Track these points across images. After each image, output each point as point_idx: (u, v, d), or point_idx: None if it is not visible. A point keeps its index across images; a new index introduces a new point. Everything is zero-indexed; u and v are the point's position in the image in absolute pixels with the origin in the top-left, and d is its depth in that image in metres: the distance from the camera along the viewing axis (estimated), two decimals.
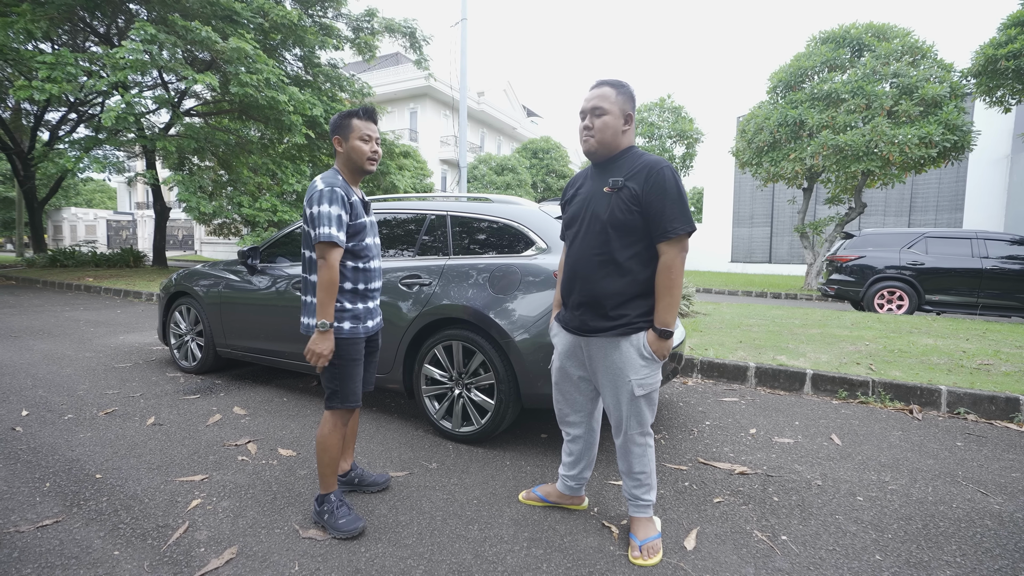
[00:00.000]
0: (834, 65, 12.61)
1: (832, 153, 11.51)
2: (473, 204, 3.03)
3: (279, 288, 3.41)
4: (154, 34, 8.88)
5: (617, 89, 1.74)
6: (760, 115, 12.99)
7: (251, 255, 3.50)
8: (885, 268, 8.35)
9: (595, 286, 1.72)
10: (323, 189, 1.81)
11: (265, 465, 2.45)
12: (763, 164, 13.25)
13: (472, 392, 2.73)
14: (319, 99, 11.77)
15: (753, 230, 24.37)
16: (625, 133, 1.75)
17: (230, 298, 3.68)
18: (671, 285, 1.66)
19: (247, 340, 3.60)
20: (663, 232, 1.64)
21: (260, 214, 11.23)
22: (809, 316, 7.11)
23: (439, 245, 2.98)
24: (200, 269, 4.09)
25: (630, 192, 1.67)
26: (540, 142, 27.03)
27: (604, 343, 1.75)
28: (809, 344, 4.95)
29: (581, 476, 2.07)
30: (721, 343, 4.90)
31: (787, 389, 3.89)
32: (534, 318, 2.54)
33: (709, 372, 4.19)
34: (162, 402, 3.34)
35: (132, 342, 5.25)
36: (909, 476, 2.46)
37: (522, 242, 2.77)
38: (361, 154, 1.91)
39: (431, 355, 2.81)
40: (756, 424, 3.15)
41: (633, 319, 1.71)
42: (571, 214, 1.84)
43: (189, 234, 27.70)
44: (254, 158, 11.97)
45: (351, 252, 1.91)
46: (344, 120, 1.91)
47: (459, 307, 2.69)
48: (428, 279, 2.85)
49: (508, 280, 2.65)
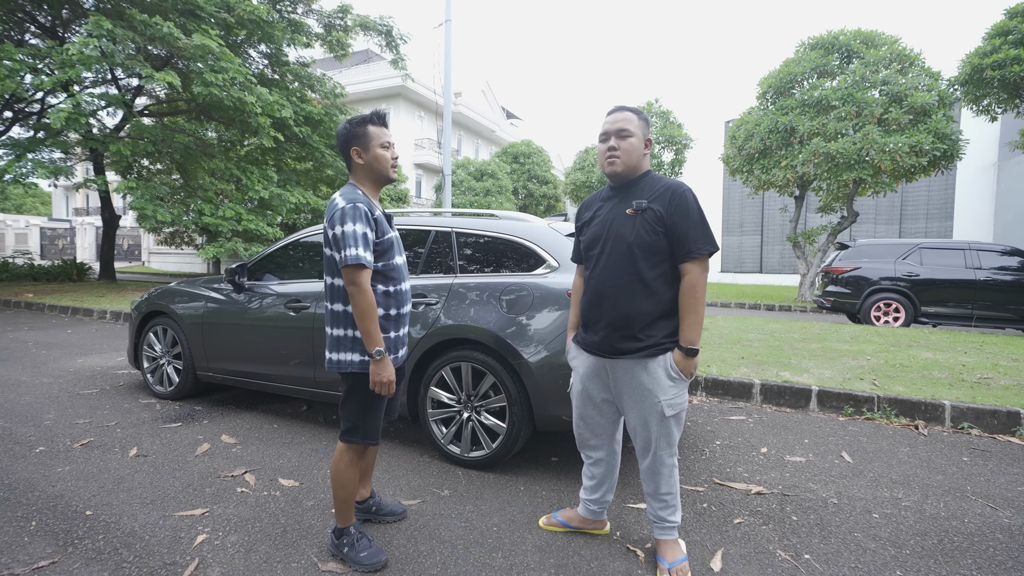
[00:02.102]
0: (824, 71, 13.27)
1: (824, 161, 12.07)
2: (479, 220, 3.13)
3: (269, 307, 3.44)
4: (110, 29, 8.79)
5: (638, 115, 1.90)
6: (750, 121, 13.54)
7: (239, 273, 3.53)
8: (881, 280, 8.79)
9: (624, 306, 1.83)
10: (344, 207, 1.77)
11: (268, 497, 2.50)
12: (754, 171, 13.79)
13: (482, 415, 2.80)
14: (287, 100, 11.77)
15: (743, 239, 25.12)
16: (644, 157, 1.90)
17: (214, 318, 3.69)
18: (696, 303, 1.79)
19: (233, 363, 3.61)
20: (687, 252, 1.78)
21: (223, 223, 11.10)
22: (808, 330, 7.43)
23: (444, 263, 3.06)
24: (178, 287, 4.09)
25: (654, 214, 1.80)
26: (521, 146, 27.43)
27: (631, 365, 1.86)
28: (811, 359, 5.21)
29: (603, 500, 2.18)
30: (723, 359, 5.11)
31: (793, 406, 4.09)
32: (547, 338, 2.63)
33: (714, 390, 4.37)
34: (141, 431, 3.32)
35: (93, 365, 5.16)
36: (921, 492, 2.66)
37: (532, 260, 2.88)
38: (385, 162, 1.92)
39: (438, 377, 2.88)
40: (766, 443, 3.32)
41: (660, 339, 1.83)
42: (591, 236, 1.95)
43: (136, 244, 26.99)
44: (216, 162, 11.88)
45: (380, 274, 1.89)
46: (359, 129, 1.90)
47: (469, 327, 2.77)
48: (434, 298, 2.92)
49: (520, 299, 2.73)
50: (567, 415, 2.62)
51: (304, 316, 3.24)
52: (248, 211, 11.80)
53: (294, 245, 3.66)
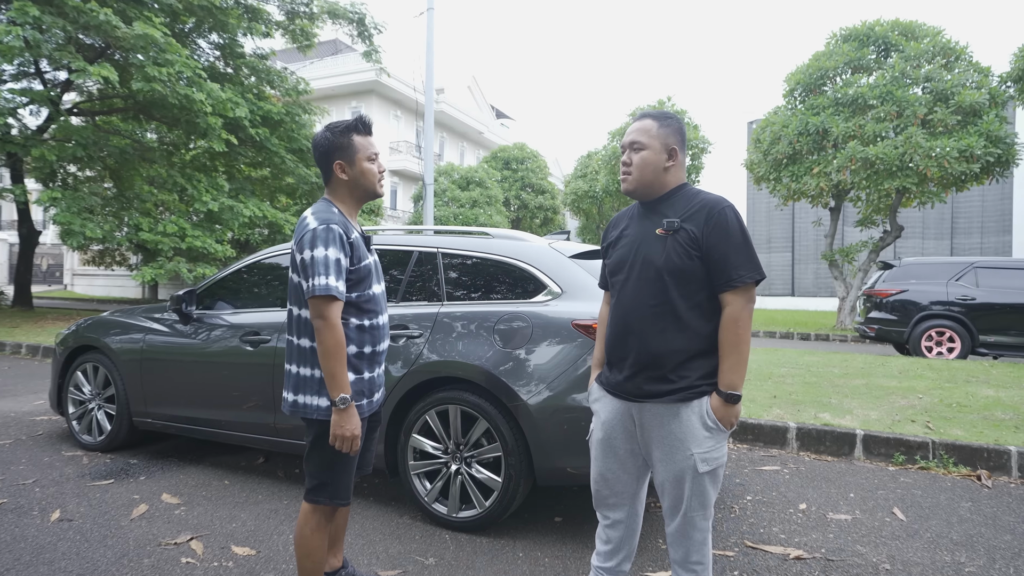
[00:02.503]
0: (858, 66, 13.67)
1: (861, 167, 12.35)
2: (469, 239, 3.17)
3: (221, 341, 3.44)
4: (37, 16, 8.90)
5: (660, 121, 1.92)
6: (777, 122, 13.86)
7: (187, 300, 3.54)
8: (931, 304, 8.93)
9: (652, 342, 1.84)
10: (316, 228, 1.80)
11: (219, 568, 2.47)
12: (782, 179, 14.07)
13: (474, 468, 2.80)
14: (242, 97, 11.90)
15: (771, 256, 25.45)
16: (669, 170, 1.92)
17: (156, 354, 3.67)
18: (738, 341, 1.79)
19: (176, 407, 3.60)
20: (728, 280, 1.79)
21: (163, 240, 11.10)
22: (849, 363, 7.50)
23: (429, 288, 3.10)
24: (112, 317, 4.08)
25: (688, 235, 1.82)
26: (514, 150, 27.80)
27: (661, 410, 1.86)
28: (855, 398, 5.26)
29: (619, 570, 2.16)
30: (752, 398, 5.15)
31: (835, 454, 4.13)
32: (549, 376, 2.65)
33: (742, 435, 4.41)
34: (65, 490, 3.28)
35: (5, 411, 5.09)
36: (987, 556, 2.68)
37: (531, 285, 2.92)
38: (373, 177, 1.96)
39: (421, 423, 2.89)
40: (805, 498, 3.34)
41: (695, 381, 1.83)
42: (617, 259, 1.97)
43: (57, 264, 26.81)
44: (156, 168, 11.92)
45: (354, 305, 1.90)
46: (343, 139, 1.92)
47: (458, 364, 2.79)
48: (417, 330, 2.95)
49: (517, 331, 2.77)
50: (573, 466, 2.62)
51: (263, 351, 3.24)
52: (193, 226, 11.79)
53: (252, 267, 3.67)
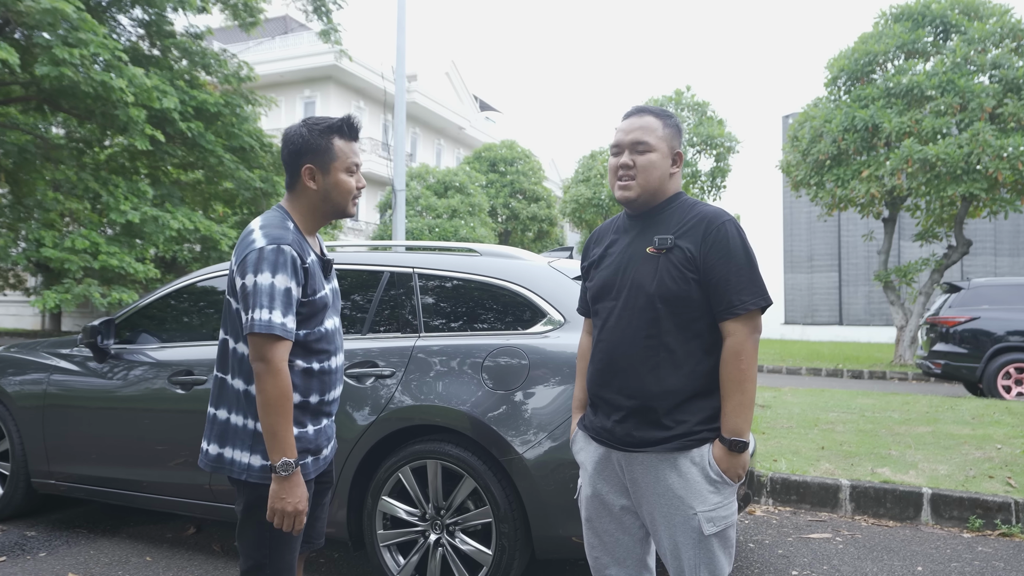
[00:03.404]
0: (913, 50, 14.00)
1: (920, 170, 12.56)
2: (452, 258, 3.17)
3: (145, 382, 3.40)
4: None
5: (663, 120, 1.96)
6: (818, 116, 14.11)
7: (103, 332, 3.49)
8: (1008, 334, 9.02)
9: (642, 381, 1.86)
10: (264, 248, 1.76)
11: None
12: (825, 184, 14.27)
13: (458, 537, 2.76)
14: (171, 84, 11.95)
15: (814, 277, 25.67)
16: (672, 176, 1.97)
17: (62, 399, 3.62)
18: (742, 378, 1.82)
19: (87, 465, 3.55)
20: (728, 307, 1.83)
21: (71, 257, 10.98)
22: (911, 406, 7.54)
23: (402, 317, 3.11)
24: (7, 354, 4.04)
25: (683, 254, 1.85)
26: (501, 148, 28.03)
27: (654, 461, 1.87)
28: (919, 449, 5.29)
29: None
30: (796, 450, 5.17)
31: (898, 518, 4.14)
32: (550, 424, 2.66)
33: (784, 494, 4.41)
34: None
35: None
36: None
37: (527, 313, 2.93)
38: (347, 193, 1.94)
39: (393, 482, 2.85)
40: (863, 573, 3.34)
41: (694, 427, 1.85)
42: (601, 282, 1.99)
43: None
44: (64, 170, 11.87)
45: (300, 345, 1.87)
46: (321, 140, 1.90)
47: (438, 409, 2.78)
48: (388, 368, 2.94)
49: (511, 369, 2.77)
50: (579, 535, 2.52)
51: (196, 396, 3.19)
52: (109, 240, 11.66)
53: (183, 292, 3.66)
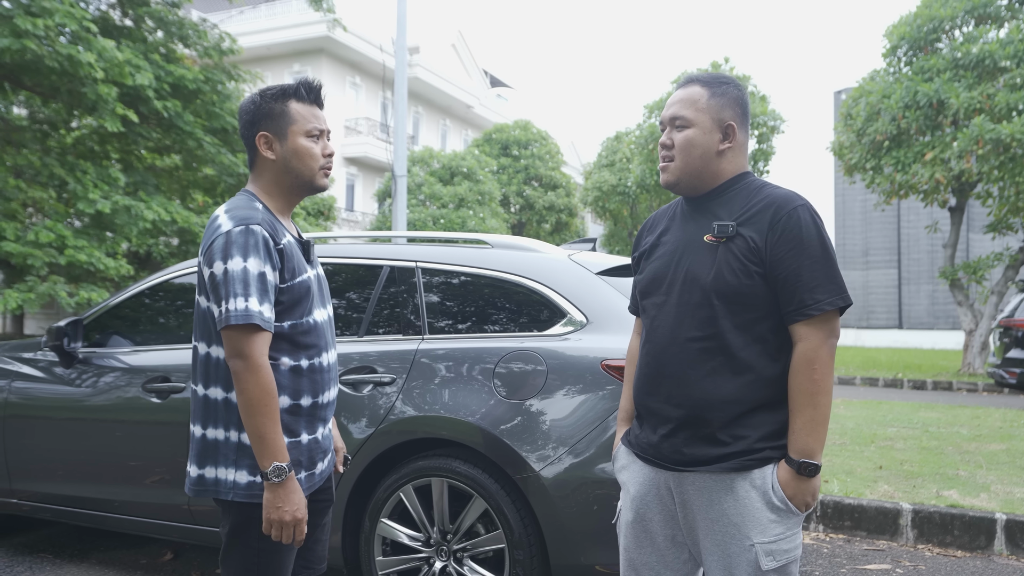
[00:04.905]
0: (984, 15, 13.34)
1: (992, 152, 11.96)
2: (459, 250, 3.16)
3: (116, 390, 3.40)
4: None
5: (712, 88, 1.86)
6: (875, 91, 13.60)
7: (69, 334, 3.47)
8: None
9: (694, 388, 1.78)
10: (231, 231, 1.73)
11: None
12: (883, 168, 13.83)
13: (466, 565, 2.75)
14: (145, 59, 11.79)
15: (870, 275, 25.31)
16: (724, 154, 1.87)
17: (24, 408, 3.63)
18: (815, 390, 1.73)
19: (53, 482, 3.57)
20: (800, 306, 1.72)
21: (35, 252, 10.90)
22: (982, 421, 7.45)
23: (404, 317, 3.07)
24: None
25: (746, 243, 1.76)
26: (514, 130, 27.44)
27: (709, 482, 1.78)
28: (991, 469, 5.17)
29: None
30: (850, 470, 5.06)
31: (967, 547, 4.00)
32: (571, 438, 2.62)
33: (837, 520, 4.30)
34: None
35: None
36: None
37: (545, 312, 2.88)
38: (311, 160, 1.89)
39: (393, 503, 2.85)
40: None
41: (755, 444, 1.76)
42: (652, 274, 1.92)
43: None
44: (26, 155, 11.78)
45: (285, 339, 1.83)
46: (275, 105, 1.87)
47: (444, 420, 2.78)
48: (388, 374, 2.92)
49: (527, 375, 2.73)
50: (604, 563, 2.55)
51: (173, 405, 3.18)
52: (76, 233, 11.58)
53: (159, 290, 3.67)
